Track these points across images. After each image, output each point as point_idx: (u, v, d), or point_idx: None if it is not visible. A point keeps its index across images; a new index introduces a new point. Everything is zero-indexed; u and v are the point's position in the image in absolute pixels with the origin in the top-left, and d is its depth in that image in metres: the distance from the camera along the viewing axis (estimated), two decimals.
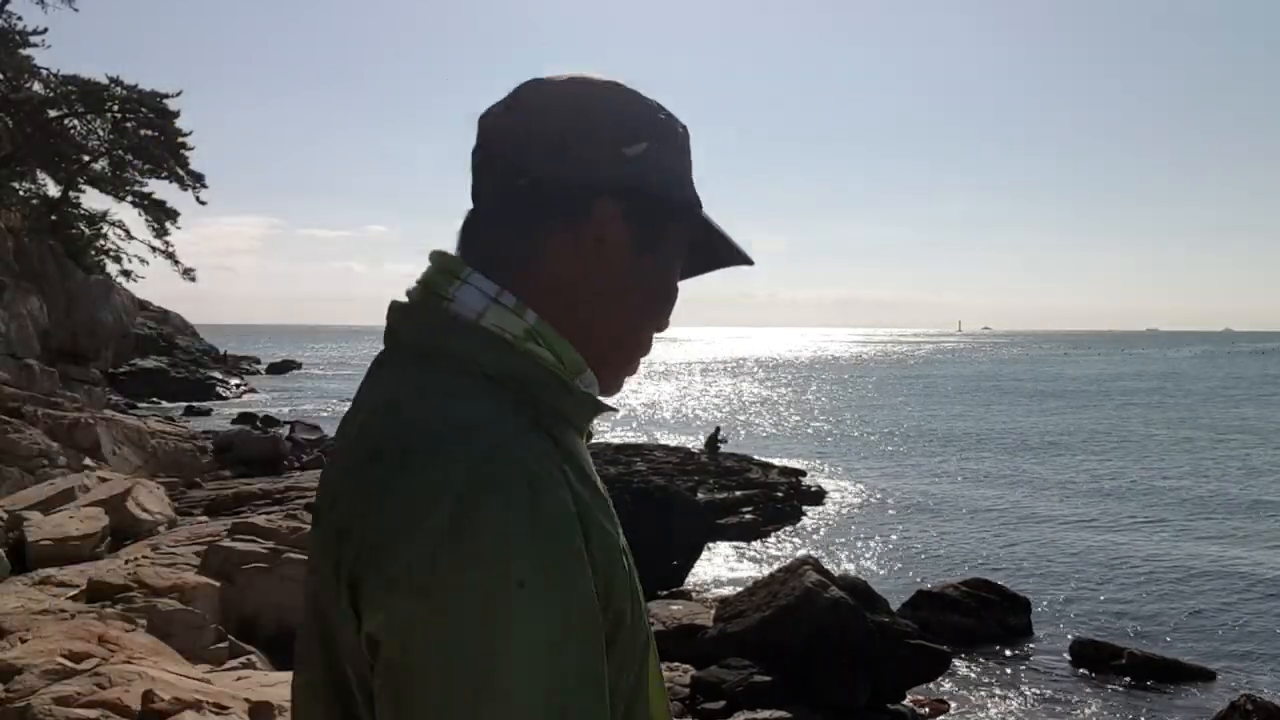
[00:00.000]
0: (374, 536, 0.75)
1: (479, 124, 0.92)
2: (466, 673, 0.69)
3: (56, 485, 10.27)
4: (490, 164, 0.90)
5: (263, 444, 17.74)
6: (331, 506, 0.83)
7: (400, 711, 0.71)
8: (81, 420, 14.03)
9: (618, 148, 0.89)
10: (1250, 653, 9.91)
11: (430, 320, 0.87)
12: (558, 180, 0.88)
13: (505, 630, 0.70)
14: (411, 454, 0.77)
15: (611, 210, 0.88)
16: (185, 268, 26.51)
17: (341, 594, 0.77)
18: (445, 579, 0.71)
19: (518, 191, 0.88)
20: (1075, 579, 12.64)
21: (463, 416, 0.79)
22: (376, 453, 0.79)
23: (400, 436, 0.79)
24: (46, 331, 21.08)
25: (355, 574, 0.76)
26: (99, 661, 5.11)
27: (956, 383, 57.30)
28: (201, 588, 7.31)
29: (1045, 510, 17.43)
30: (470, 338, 0.85)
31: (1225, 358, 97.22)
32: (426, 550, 0.72)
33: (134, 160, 25.03)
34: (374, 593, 0.74)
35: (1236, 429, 31.31)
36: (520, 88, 0.92)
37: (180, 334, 47.67)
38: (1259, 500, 18.53)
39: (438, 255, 0.90)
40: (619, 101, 0.91)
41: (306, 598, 0.87)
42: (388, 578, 0.73)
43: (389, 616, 0.73)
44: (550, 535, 0.74)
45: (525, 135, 0.89)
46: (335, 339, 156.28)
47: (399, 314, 0.90)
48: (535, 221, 0.88)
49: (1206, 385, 53.96)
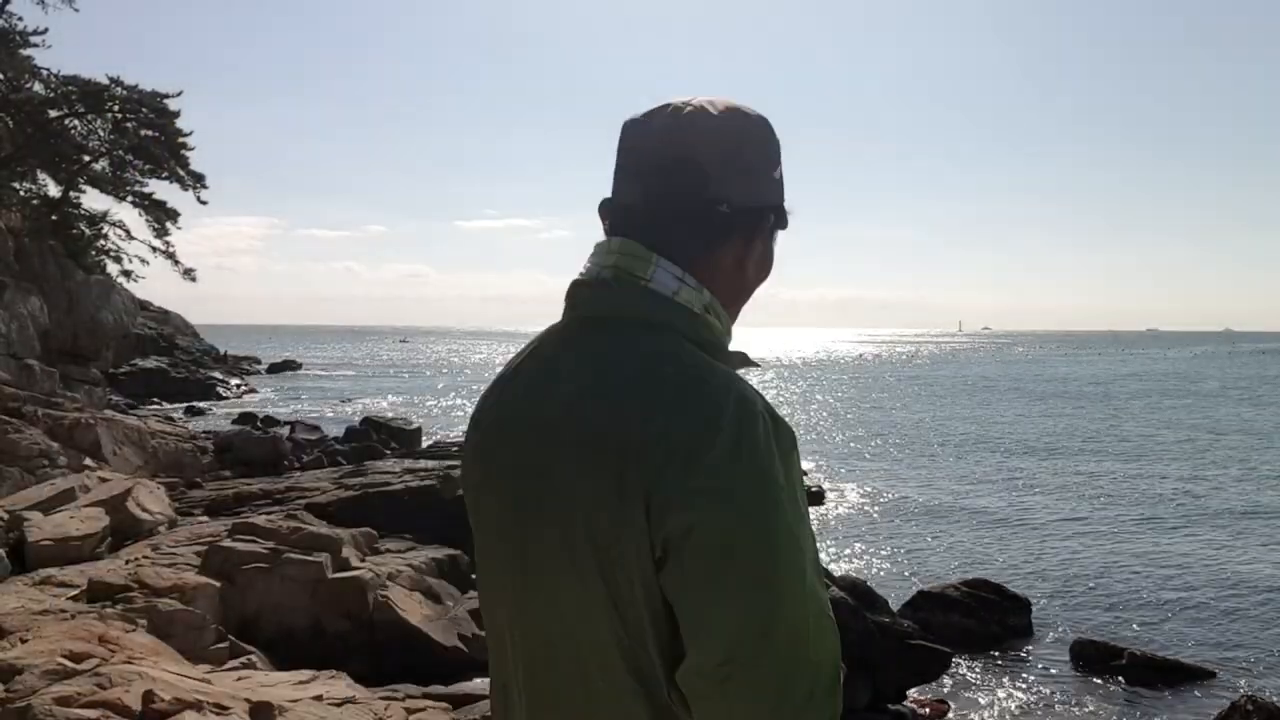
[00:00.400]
0: (674, 459, 0.97)
1: (641, 133, 1.13)
2: (764, 541, 0.97)
3: (57, 485, 10.27)
4: (668, 174, 1.10)
5: (263, 444, 17.73)
6: (586, 443, 1.03)
7: (718, 575, 0.96)
8: (82, 420, 14.03)
9: (771, 172, 1.16)
10: (1251, 653, 9.90)
11: (636, 297, 1.09)
12: (747, 205, 1.13)
13: (779, 511, 0.99)
14: (688, 397, 1.01)
15: (772, 223, 1.17)
16: (185, 268, 26.51)
17: (629, 509, 0.98)
18: (737, 484, 0.97)
19: (708, 207, 1.11)
20: (1076, 579, 12.64)
21: (709, 368, 1.05)
22: (653, 396, 1.01)
23: (672, 383, 1.02)
24: (47, 332, 21.08)
25: (652, 489, 0.97)
26: (99, 662, 5.10)
27: (959, 384, 57.30)
28: (202, 588, 7.31)
29: (1045, 510, 17.42)
30: (672, 309, 1.09)
31: (1226, 358, 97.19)
32: (721, 466, 0.97)
33: (134, 160, 25.01)
34: (678, 499, 0.97)
35: (1237, 429, 31.31)
36: (688, 111, 1.12)
37: (180, 334, 47.66)
38: (1260, 500, 18.53)
39: (626, 244, 1.11)
40: (768, 131, 1.16)
41: (546, 537, 1.06)
42: (692, 488, 0.97)
43: (698, 515, 0.97)
44: (782, 450, 1.02)
45: (714, 159, 1.11)
46: (335, 339, 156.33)
47: (598, 290, 1.12)
48: (720, 229, 1.13)
49: (1207, 386, 53.96)
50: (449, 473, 12.91)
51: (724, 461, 0.97)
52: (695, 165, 1.10)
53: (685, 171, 1.10)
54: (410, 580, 8.69)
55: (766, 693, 0.97)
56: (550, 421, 1.07)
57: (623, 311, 1.09)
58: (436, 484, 12.36)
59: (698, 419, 0.99)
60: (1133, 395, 47.01)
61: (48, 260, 22.50)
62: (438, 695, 6.45)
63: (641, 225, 1.12)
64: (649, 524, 0.97)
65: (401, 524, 11.04)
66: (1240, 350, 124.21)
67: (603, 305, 1.11)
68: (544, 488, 1.05)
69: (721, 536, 0.96)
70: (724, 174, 1.11)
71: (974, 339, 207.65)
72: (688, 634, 0.99)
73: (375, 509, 11.49)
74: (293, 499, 12.00)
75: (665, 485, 0.97)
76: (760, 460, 0.99)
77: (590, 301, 1.12)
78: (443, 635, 7.95)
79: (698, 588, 0.97)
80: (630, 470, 0.98)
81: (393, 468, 14.05)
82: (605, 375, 1.05)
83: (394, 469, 13.86)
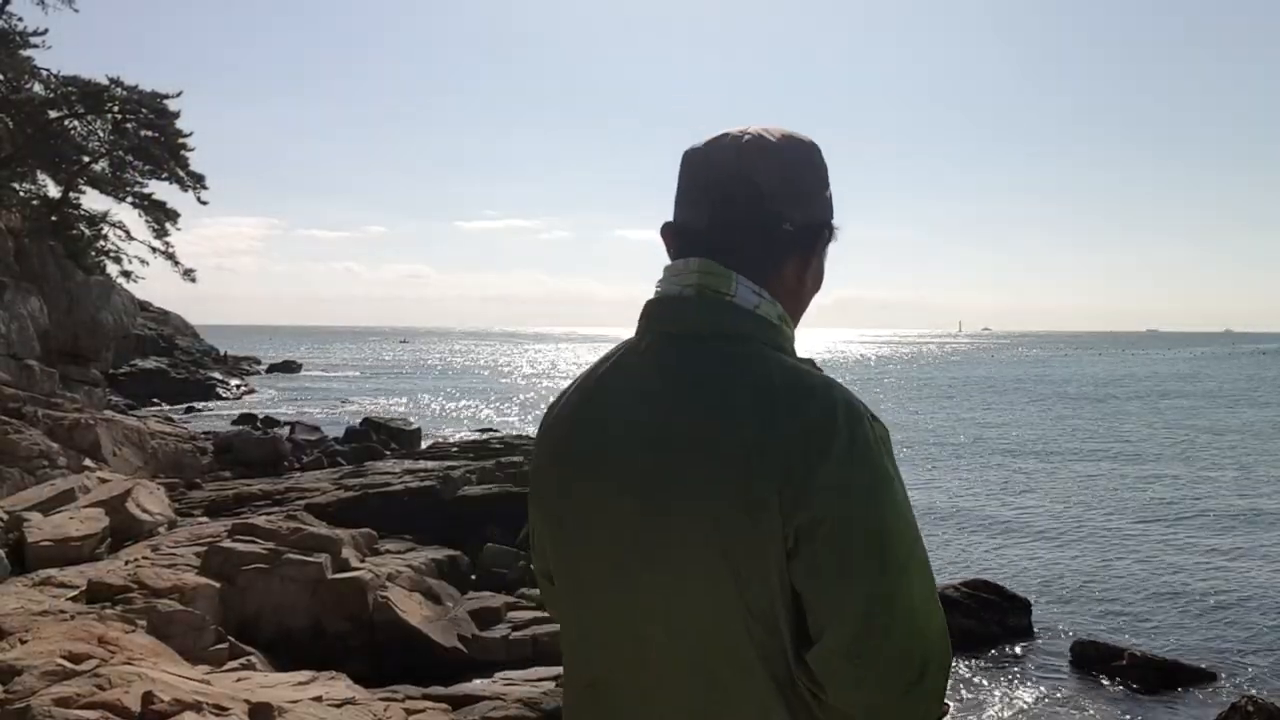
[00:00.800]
0: (800, 460, 1.08)
1: (705, 162, 1.24)
2: (885, 528, 1.09)
3: (57, 486, 10.27)
4: (733, 198, 1.21)
5: (263, 445, 17.72)
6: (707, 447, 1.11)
7: (846, 563, 1.08)
8: (81, 421, 14.03)
9: (823, 192, 1.27)
10: (1252, 654, 9.89)
11: (722, 311, 1.20)
12: (806, 224, 1.25)
13: (894, 500, 1.11)
14: (801, 401, 1.11)
15: (826, 239, 1.29)
16: (185, 268, 26.49)
17: (759, 507, 1.08)
18: (856, 478, 1.09)
19: (773, 226, 1.22)
20: (1076, 580, 12.62)
21: (808, 373, 1.16)
22: (768, 401, 1.11)
23: (781, 389, 1.13)
24: (47, 332, 21.07)
25: (782, 488, 1.07)
26: (99, 663, 5.10)
27: (958, 385, 57.30)
28: (201, 589, 7.31)
29: (1045, 511, 17.41)
30: (755, 322, 1.20)
31: (1228, 359, 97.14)
32: (841, 463, 1.08)
33: (134, 161, 25.00)
34: (806, 496, 1.07)
35: (1236, 430, 31.29)
36: (746, 139, 1.23)
37: (180, 334, 47.66)
38: (1261, 502, 18.52)
39: (705, 263, 1.21)
40: (818, 155, 1.27)
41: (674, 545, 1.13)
42: (819, 485, 1.07)
43: (826, 509, 1.07)
44: (885, 444, 1.14)
45: (775, 182, 1.22)
46: (336, 339, 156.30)
47: (683, 306, 1.21)
48: (784, 247, 1.24)
49: (1207, 386, 53.96)
50: (448, 473, 12.91)
51: (843, 459, 1.09)
52: (758, 188, 1.21)
53: (750, 195, 1.21)
54: (410, 581, 8.69)
55: (894, 666, 1.10)
56: (662, 429, 1.15)
57: (710, 325, 1.20)
58: (436, 485, 12.36)
59: (816, 421, 1.10)
60: (1133, 396, 47.01)
61: (48, 261, 22.48)
62: (437, 696, 6.45)
63: (711, 246, 1.22)
64: (781, 519, 1.07)
65: (401, 525, 11.04)
66: (1241, 351, 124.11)
67: (689, 320, 1.21)
68: (664, 491, 1.13)
69: (848, 527, 1.08)
70: (784, 196, 1.22)
71: (975, 339, 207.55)
72: (820, 618, 1.10)
73: (375, 510, 11.49)
74: (292, 500, 12.00)
75: (794, 483, 1.07)
76: (872, 455, 1.11)
77: (676, 317, 1.22)
78: (442, 636, 7.95)
79: (829, 575, 1.08)
80: (758, 471, 1.08)
81: (393, 468, 14.05)
82: (711, 385, 1.15)
83: (394, 470, 13.86)
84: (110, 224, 25.92)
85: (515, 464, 13.31)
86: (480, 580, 9.99)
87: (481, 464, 13.56)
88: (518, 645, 8.15)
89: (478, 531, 11.07)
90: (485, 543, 10.72)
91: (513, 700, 6.43)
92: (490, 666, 7.67)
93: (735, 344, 1.18)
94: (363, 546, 9.45)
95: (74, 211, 25.43)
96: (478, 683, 7.11)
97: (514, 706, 6.32)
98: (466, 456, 14.95)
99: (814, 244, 1.27)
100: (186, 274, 26.58)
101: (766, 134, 1.24)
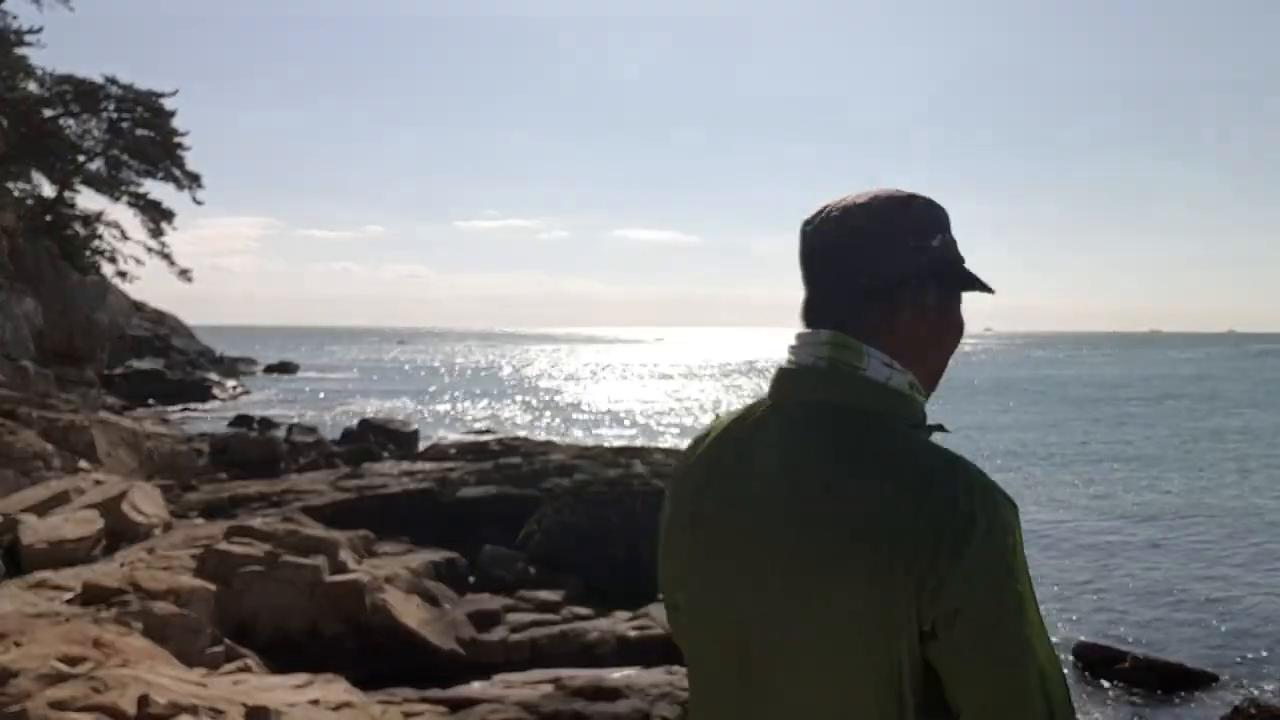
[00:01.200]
0: (940, 546, 1.11)
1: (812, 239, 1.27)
2: (1017, 611, 1.13)
3: (51, 488, 10.23)
4: (835, 269, 1.25)
5: (259, 446, 17.68)
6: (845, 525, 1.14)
7: (983, 646, 1.12)
8: (76, 422, 13.99)
9: (924, 242, 1.27)
10: (1255, 657, 9.87)
11: (857, 384, 1.22)
12: (898, 277, 1.25)
13: (1024, 582, 1.14)
14: (939, 485, 1.14)
15: (933, 290, 1.27)
16: (181, 268, 26.57)
17: (896, 589, 1.11)
18: (993, 565, 1.12)
19: (871, 288, 1.24)
20: (1076, 582, 12.60)
21: (943, 453, 1.19)
22: (907, 483, 1.14)
23: (920, 470, 1.15)
24: (41, 333, 21.02)
25: (924, 573, 1.10)
26: (94, 665, 5.06)
27: (958, 384, 57.37)
28: (198, 591, 7.26)
29: (1046, 512, 17.40)
30: (887, 396, 1.22)
31: (1231, 359, 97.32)
32: (980, 550, 1.11)
33: (130, 160, 25.00)
34: (946, 583, 1.10)
35: (1238, 431, 31.33)
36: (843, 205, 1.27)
37: (176, 335, 47.51)
38: (1262, 503, 18.52)
39: (837, 335, 1.24)
40: (918, 209, 1.28)
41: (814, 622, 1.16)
42: (959, 572, 1.10)
43: (965, 597, 1.11)
44: (1015, 524, 1.16)
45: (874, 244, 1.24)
46: (333, 340, 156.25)
47: (814, 378, 1.24)
48: (890, 307, 1.25)
49: (1213, 387, 54.05)
50: (446, 475, 12.88)
51: (982, 546, 1.12)
52: (853, 253, 1.25)
53: (844, 261, 1.25)
54: (407, 583, 8.65)
55: None
56: (799, 504, 1.18)
57: (843, 398, 1.22)
58: (434, 487, 12.32)
59: (955, 508, 1.13)
60: (1133, 397, 47.06)
61: (42, 261, 22.44)
62: (435, 699, 6.41)
63: (831, 316, 1.26)
64: (918, 602, 1.11)
65: (399, 527, 11.00)
66: (1247, 351, 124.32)
67: (822, 392, 1.24)
68: (801, 566, 1.16)
69: (985, 613, 1.12)
70: (878, 256, 1.25)
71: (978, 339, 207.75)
72: (958, 693, 1.15)
73: (372, 511, 11.44)
74: (289, 501, 11.96)
75: (936, 569, 1.11)
76: (1006, 539, 1.14)
77: (809, 389, 1.25)
78: (440, 638, 7.91)
79: (967, 657, 1.13)
80: (898, 554, 1.11)
81: (390, 470, 14.01)
82: (847, 461, 1.17)
83: (391, 471, 13.82)
84: (105, 224, 25.98)
85: (513, 465, 13.26)
86: (478, 582, 9.95)
87: (480, 466, 13.51)
88: (516, 648, 8.12)
89: (476, 533, 11.02)
90: (483, 545, 10.68)
91: (511, 703, 6.39)
92: (488, 669, 7.64)
93: (869, 420, 1.21)
94: (360, 548, 9.41)
95: (69, 211, 25.44)
96: (476, 685, 7.07)
97: (512, 709, 6.28)
98: (464, 458, 14.90)
99: (919, 297, 1.26)
100: (182, 274, 26.65)
101: (861, 196, 1.28)
